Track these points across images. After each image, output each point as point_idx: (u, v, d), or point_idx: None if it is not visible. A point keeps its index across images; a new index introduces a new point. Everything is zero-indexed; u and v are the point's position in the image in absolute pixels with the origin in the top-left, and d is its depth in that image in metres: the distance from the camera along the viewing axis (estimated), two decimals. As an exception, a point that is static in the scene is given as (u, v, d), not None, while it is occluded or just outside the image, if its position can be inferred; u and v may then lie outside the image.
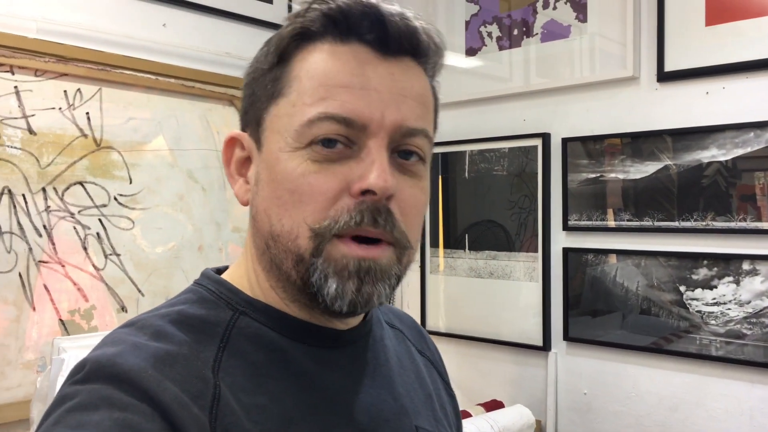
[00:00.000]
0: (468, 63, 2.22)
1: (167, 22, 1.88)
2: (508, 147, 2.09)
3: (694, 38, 1.73)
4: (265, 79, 0.63)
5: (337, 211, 0.58)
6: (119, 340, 0.57)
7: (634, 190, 1.83)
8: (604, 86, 1.91)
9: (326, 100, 0.58)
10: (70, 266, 1.68)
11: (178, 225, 1.89)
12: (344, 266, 0.58)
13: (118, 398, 0.51)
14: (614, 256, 1.88)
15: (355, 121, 0.58)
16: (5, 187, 1.57)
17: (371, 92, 0.59)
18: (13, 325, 1.58)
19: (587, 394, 1.94)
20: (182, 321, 0.60)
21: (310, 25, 0.61)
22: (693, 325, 1.73)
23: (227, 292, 0.64)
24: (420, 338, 0.83)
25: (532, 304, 2.04)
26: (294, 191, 0.58)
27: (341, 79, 0.59)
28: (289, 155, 0.59)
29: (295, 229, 0.59)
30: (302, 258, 0.59)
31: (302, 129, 0.58)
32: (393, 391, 0.68)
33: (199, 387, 0.55)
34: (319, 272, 0.58)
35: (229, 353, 0.59)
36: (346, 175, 0.58)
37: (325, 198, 0.58)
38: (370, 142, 0.59)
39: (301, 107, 0.59)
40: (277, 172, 0.60)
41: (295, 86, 0.60)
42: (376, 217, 0.58)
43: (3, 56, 1.56)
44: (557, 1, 1.99)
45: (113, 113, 1.77)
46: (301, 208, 0.58)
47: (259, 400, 0.58)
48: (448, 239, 2.25)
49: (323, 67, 0.59)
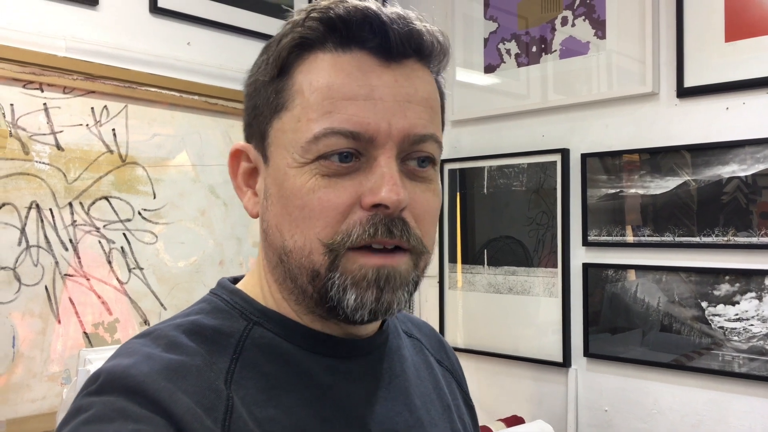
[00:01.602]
0: (487, 80, 2.23)
1: (191, 40, 1.92)
2: (527, 163, 2.10)
3: (713, 54, 1.74)
4: (267, 91, 0.61)
5: (349, 224, 0.57)
6: (133, 351, 0.57)
7: (653, 205, 1.83)
8: (623, 102, 1.92)
9: (331, 114, 0.57)
10: (95, 280, 1.71)
11: (200, 240, 1.91)
12: (362, 276, 0.57)
13: (133, 410, 0.51)
14: (634, 272, 1.87)
15: (362, 134, 0.57)
16: (33, 201, 1.61)
17: (377, 102, 0.57)
18: (39, 337, 1.61)
19: (608, 411, 1.92)
20: (196, 331, 0.60)
21: (309, 34, 0.59)
22: (715, 341, 1.72)
23: (242, 302, 0.64)
24: (440, 348, 0.82)
25: (552, 319, 2.03)
26: (304, 207, 0.58)
27: (346, 91, 0.57)
28: (296, 171, 0.58)
29: (308, 245, 0.58)
30: (318, 273, 0.58)
31: (308, 145, 0.57)
32: (409, 403, 0.67)
33: (211, 399, 0.55)
34: (337, 286, 0.58)
35: (242, 364, 0.59)
36: (356, 188, 0.57)
37: (337, 213, 0.57)
38: (379, 153, 0.58)
39: (306, 122, 0.58)
40: (285, 188, 0.59)
41: (299, 100, 0.59)
42: (392, 229, 0.57)
43: (33, 74, 1.61)
44: (576, 18, 2.01)
45: (138, 129, 1.80)
46: (312, 224, 0.57)
47: (271, 413, 0.57)
48: (467, 255, 2.25)
49: (326, 78, 0.58)
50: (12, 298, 1.57)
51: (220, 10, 1.96)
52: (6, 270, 1.56)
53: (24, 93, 1.60)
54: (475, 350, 2.21)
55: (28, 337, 1.59)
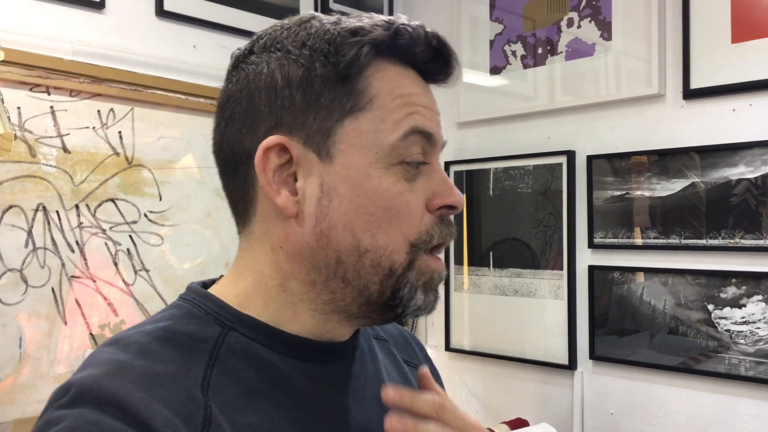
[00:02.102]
0: (492, 81, 2.23)
1: (197, 43, 1.93)
2: (533, 164, 2.09)
3: (720, 55, 1.73)
4: (334, 89, 0.61)
5: (426, 226, 0.62)
6: (103, 360, 0.55)
7: (661, 208, 1.82)
8: (629, 104, 1.91)
9: (413, 116, 0.62)
10: (101, 281, 1.72)
11: (205, 241, 1.92)
12: (430, 279, 0.63)
13: (106, 423, 0.49)
14: (641, 274, 1.86)
15: (434, 137, 0.64)
16: (40, 203, 1.62)
17: (435, 114, 0.65)
18: (45, 338, 1.62)
19: (614, 414, 1.92)
20: (168, 338, 0.58)
21: (381, 42, 0.61)
22: (722, 344, 1.71)
23: (215, 307, 0.62)
24: (406, 347, 0.82)
25: (558, 322, 2.03)
26: (390, 208, 0.60)
27: (422, 100, 0.63)
28: (381, 172, 0.60)
29: (392, 244, 0.60)
30: (394, 272, 0.61)
31: (397, 143, 0.61)
32: (383, 405, 0.66)
33: (189, 408, 0.53)
34: (410, 286, 0.61)
35: (218, 371, 0.58)
36: (424, 191, 0.63)
37: (418, 214, 0.62)
38: (433, 159, 0.64)
39: (391, 123, 0.61)
40: (366, 187, 0.60)
41: (379, 102, 0.61)
42: (453, 229, 0.65)
43: (39, 77, 1.62)
44: (582, 20, 2.00)
45: (144, 132, 1.81)
46: (398, 224, 0.61)
47: (250, 419, 0.57)
48: (473, 257, 2.25)
49: (405, 86, 0.63)
50: (19, 300, 1.58)
51: (226, 13, 1.97)
52: (13, 272, 1.58)
53: (31, 96, 1.61)
54: (480, 352, 2.21)
55: (35, 338, 1.61)
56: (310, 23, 0.63)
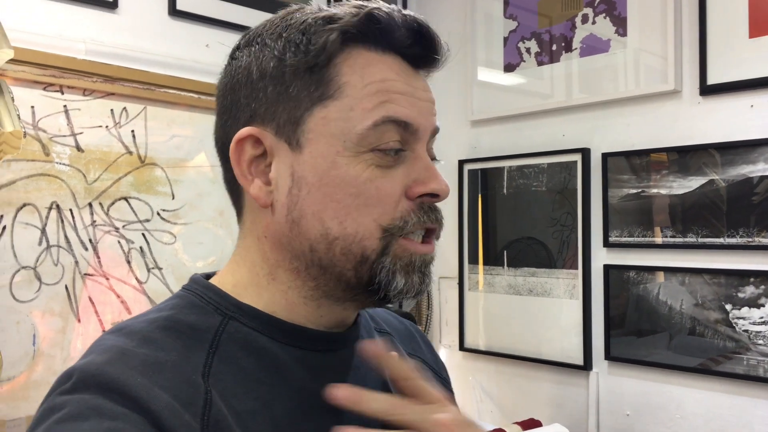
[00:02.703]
0: (506, 79, 2.21)
1: (210, 42, 1.94)
2: (547, 163, 2.07)
3: (737, 50, 1.69)
4: (303, 78, 0.61)
5: (401, 212, 0.61)
6: (106, 347, 0.57)
7: (680, 206, 1.79)
8: (645, 100, 1.88)
9: (386, 104, 0.60)
10: (114, 279, 1.73)
11: (218, 240, 1.93)
12: (410, 263, 0.62)
13: (108, 408, 0.50)
14: (657, 274, 1.83)
15: (412, 125, 0.62)
16: (54, 202, 1.63)
17: (418, 101, 0.63)
18: (59, 336, 1.64)
19: (630, 415, 1.89)
20: (171, 327, 0.59)
21: (352, 29, 0.61)
22: (740, 345, 1.68)
23: (216, 297, 0.63)
24: (411, 340, 0.82)
25: (573, 322, 2.00)
26: (359, 195, 0.60)
27: (398, 86, 0.62)
28: (349, 159, 0.60)
29: (361, 231, 0.60)
30: (367, 258, 0.60)
31: (366, 132, 0.60)
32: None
33: (189, 393, 0.54)
34: (386, 270, 0.60)
35: (219, 359, 0.59)
36: (403, 179, 0.62)
37: (392, 200, 0.61)
38: (418, 147, 0.63)
39: (361, 112, 0.60)
40: (334, 176, 0.60)
41: (349, 91, 0.60)
42: (436, 216, 0.63)
43: (53, 76, 1.63)
44: (596, 16, 1.98)
45: (157, 131, 1.82)
46: (368, 211, 0.60)
47: (250, 406, 0.57)
48: (487, 256, 2.23)
49: (380, 74, 0.61)
50: (33, 297, 1.60)
51: (238, 12, 1.97)
52: (27, 269, 1.59)
53: (45, 95, 1.63)
54: (494, 352, 2.19)
55: (49, 335, 1.62)
56: (293, 15, 0.63)
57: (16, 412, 1.56)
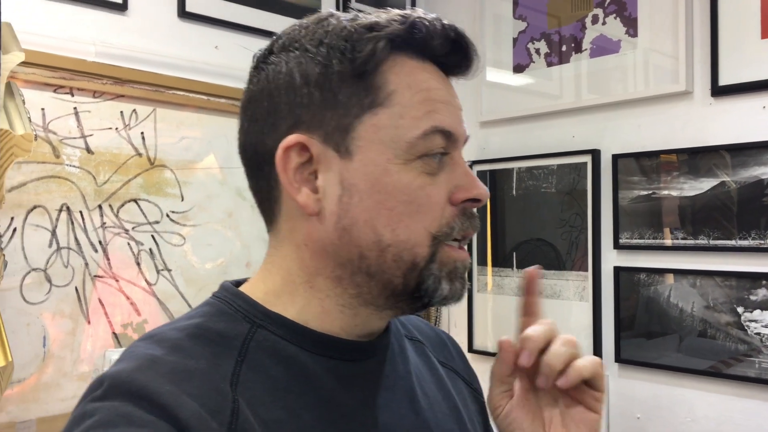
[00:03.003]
0: (516, 80, 2.20)
1: (219, 44, 1.94)
2: (557, 164, 2.06)
3: (748, 51, 1.68)
4: (351, 85, 0.61)
5: (447, 218, 0.62)
6: (137, 355, 0.57)
7: (690, 208, 1.78)
8: (656, 101, 1.87)
9: (433, 113, 0.62)
10: (124, 281, 1.73)
11: (227, 242, 1.93)
12: (454, 269, 0.63)
13: (137, 415, 0.51)
14: (668, 276, 1.82)
15: (454, 134, 0.63)
16: (64, 203, 1.64)
17: (456, 110, 0.64)
18: (69, 337, 1.64)
19: (640, 418, 1.88)
20: (200, 335, 0.60)
21: (396, 36, 0.61)
22: (752, 348, 1.66)
23: (245, 305, 0.63)
24: (442, 348, 0.82)
25: (583, 324, 1.99)
26: (411, 202, 0.60)
27: (442, 95, 0.63)
28: (400, 167, 0.60)
29: (413, 238, 0.61)
30: (416, 265, 0.61)
31: (416, 141, 0.60)
32: (414, 405, 0.67)
33: (217, 401, 0.55)
34: (434, 277, 0.61)
35: (247, 367, 0.59)
36: (446, 185, 0.62)
37: (439, 207, 0.62)
38: (456, 154, 0.64)
39: (411, 120, 0.61)
40: (386, 183, 0.60)
41: (397, 98, 0.61)
42: (476, 222, 0.64)
43: (63, 78, 1.64)
44: (607, 16, 1.97)
45: (166, 133, 1.82)
46: (420, 218, 0.61)
47: (277, 415, 0.57)
48: (496, 257, 2.23)
49: (424, 82, 0.62)
50: (43, 299, 1.60)
51: (247, 14, 1.97)
52: (37, 271, 1.60)
53: (55, 97, 1.63)
54: (504, 354, 2.18)
55: (59, 337, 1.62)
56: (328, 21, 0.63)
57: (26, 414, 1.57)
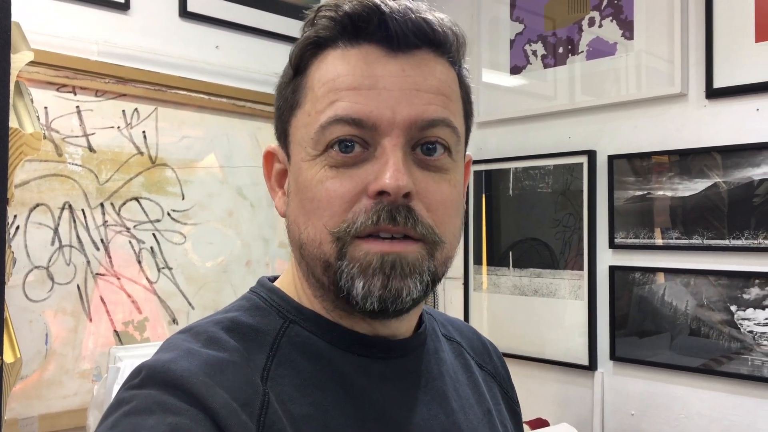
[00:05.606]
0: (512, 81, 2.23)
1: (220, 44, 1.95)
2: (553, 164, 2.09)
3: (743, 54, 1.71)
4: (286, 91, 0.64)
5: (354, 213, 0.57)
6: (174, 346, 0.59)
7: (683, 208, 1.81)
8: (651, 103, 1.90)
9: (335, 103, 0.58)
10: (125, 279, 1.74)
11: (227, 240, 1.94)
12: (368, 263, 0.57)
13: (172, 403, 0.52)
14: (662, 275, 1.85)
15: (365, 121, 0.57)
16: (66, 202, 1.65)
17: (381, 91, 0.58)
18: (71, 335, 1.65)
19: (635, 415, 1.91)
20: (234, 329, 0.61)
21: (321, 32, 0.61)
22: (744, 345, 1.70)
23: (279, 300, 0.65)
24: (483, 351, 0.81)
25: (578, 322, 2.02)
26: (313, 198, 0.59)
27: (350, 81, 0.58)
28: (309, 164, 0.60)
29: (318, 236, 0.59)
30: (329, 263, 0.59)
31: (317, 136, 0.59)
32: (446, 406, 0.67)
33: (248, 394, 0.56)
34: (346, 274, 0.57)
35: (278, 362, 0.60)
36: (362, 177, 0.58)
37: (342, 202, 0.57)
38: (385, 142, 0.58)
39: (315, 115, 0.59)
40: (300, 182, 0.61)
41: (310, 96, 0.61)
42: (395, 216, 0.56)
43: (66, 77, 1.64)
44: (603, 19, 2.00)
45: (168, 132, 1.83)
46: (320, 215, 0.58)
47: (305, 410, 0.58)
48: (492, 257, 2.25)
49: (333, 72, 0.59)
50: (45, 297, 1.61)
51: (248, 14, 1.99)
52: (39, 269, 1.60)
53: (57, 96, 1.64)
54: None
55: (61, 334, 1.63)
56: None
57: (28, 411, 1.57)
